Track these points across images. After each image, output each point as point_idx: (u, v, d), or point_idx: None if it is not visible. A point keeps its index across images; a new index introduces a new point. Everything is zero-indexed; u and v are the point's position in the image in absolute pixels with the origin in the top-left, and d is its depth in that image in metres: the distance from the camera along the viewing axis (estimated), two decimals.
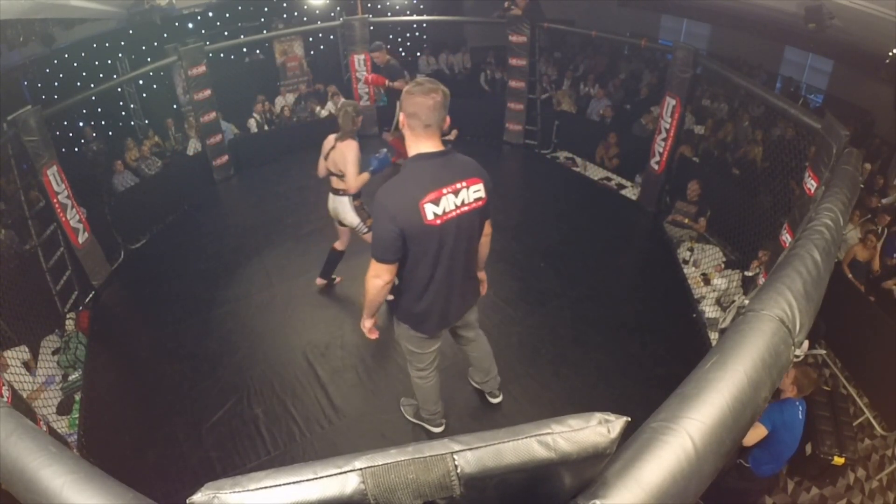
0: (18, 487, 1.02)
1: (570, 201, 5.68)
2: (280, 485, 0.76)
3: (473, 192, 2.05)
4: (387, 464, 0.78)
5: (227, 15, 7.80)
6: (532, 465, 0.81)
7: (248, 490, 0.75)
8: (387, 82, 5.36)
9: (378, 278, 2.10)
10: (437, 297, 2.22)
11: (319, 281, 4.20)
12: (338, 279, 4.25)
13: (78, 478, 0.97)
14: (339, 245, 3.99)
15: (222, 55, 6.84)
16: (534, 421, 0.85)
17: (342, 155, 3.40)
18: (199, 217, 5.68)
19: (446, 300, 2.27)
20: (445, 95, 1.96)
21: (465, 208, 2.04)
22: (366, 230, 3.61)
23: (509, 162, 6.87)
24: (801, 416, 2.77)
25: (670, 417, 0.97)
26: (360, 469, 0.77)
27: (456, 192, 2.00)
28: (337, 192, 3.60)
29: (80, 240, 4.43)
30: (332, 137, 3.54)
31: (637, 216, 5.69)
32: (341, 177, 3.48)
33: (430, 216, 1.96)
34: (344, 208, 3.62)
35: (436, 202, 1.97)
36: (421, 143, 2.00)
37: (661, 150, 5.30)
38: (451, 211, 2.00)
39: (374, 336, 2.46)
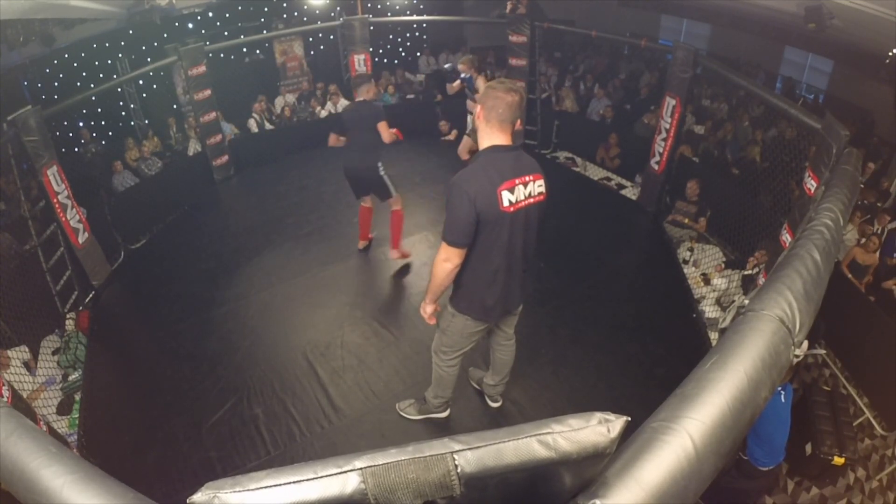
0: (18, 487, 1.01)
1: (570, 201, 5.67)
2: (280, 484, 0.76)
3: (538, 186, 2.19)
4: (387, 463, 0.78)
5: (227, 15, 7.79)
6: (532, 464, 0.81)
7: (248, 490, 0.75)
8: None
9: (448, 262, 2.17)
10: (504, 286, 2.32)
11: None
12: None
13: (78, 478, 0.96)
14: None
15: (222, 55, 6.84)
16: (534, 421, 0.85)
17: None
18: (199, 217, 5.69)
19: (510, 289, 2.36)
20: (523, 98, 2.12)
21: (531, 200, 2.18)
22: None
23: None
24: (783, 400, 2.77)
25: (670, 417, 0.97)
26: (361, 469, 0.77)
27: (525, 184, 2.14)
28: None
29: (80, 240, 4.43)
30: None
31: (637, 216, 5.69)
32: None
33: (505, 203, 2.09)
34: None
35: (511, 190, 2.10)
36: (495, 136, 2.12)
37: (661, 150, 5.30)
38: (521, 201, 2.13)
39: (433, 322, 2.51)
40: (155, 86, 7.52)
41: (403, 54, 9.80)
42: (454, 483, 0.79)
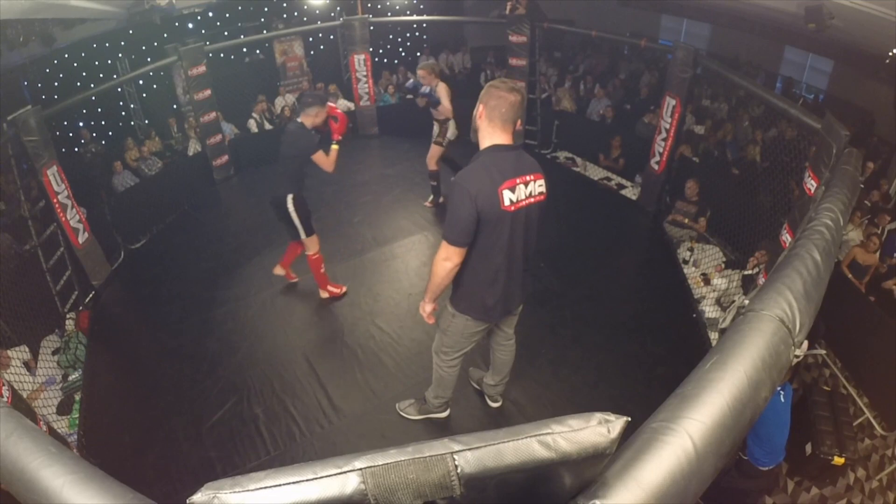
0: (18, 487, 1.02)
1: (570, 201, 5.68)
2: (280, 485, 0.76)
3: (538, 186, 2.19)
4: (387, 464, 0.78)
5: (227, 15, 7.79)
6: (532, 465, 0.81)
7: (248, 490, 0.75)
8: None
9: (448, 261, 2.17)
10: (504, 285, 2.31)
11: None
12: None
13: (78, 478, 0.97)
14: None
15: (222, 55, 6.84)
16: (534, 421, 0.85)
17: None
18: (199, 217, 5.69)
19: (510, 288, 2.36)
20: (524, 98, 2.14)
21: (532, 200, 2.17)
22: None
23: None
24: (783, 399, 2.77)
25: (670, 417, 0.97)
26: (361, 469, 0.77)
27: (526, 184, 2.13)
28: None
29: (80, 240, 4.43)
30: None
31: (637, 216, 5.69)
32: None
33: (506, 202, 2.08)
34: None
35: (512, 189, 2.09)
36: (497, 136, 2.12)
37: (661, 150, 5.30)
38: (522, 200, 2.13)
39: (432, 322, 2.51)
40: (155, 86, 7.52)
41: (403, 54, 9.80)
42: (454, 483, 0.79)
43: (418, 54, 9.54)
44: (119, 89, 6.80)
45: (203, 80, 5.80)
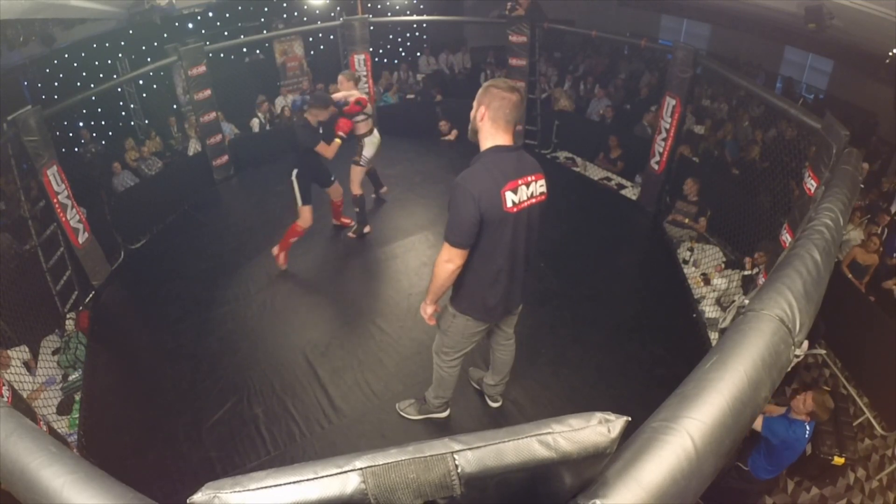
0: (18, 487, 1.02)
1: (570, 201, 5.68)
2: (280, 484, 0.76)
3: (539, 186, 2.19)
4: (387, 463, 0.78)
5: (227, 15, 7.79)
6: (532, 464, 0.81)
7: (248, 490, 0.75)
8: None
9: (451, 263, 2.16)
10: (506, 286, 2.31)
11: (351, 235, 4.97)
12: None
13: (78, 478, 0.97)
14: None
15: (222, 55, 6.84)
16: (534, 421, 0.85)
17: None
18: (199, 217, 5.69)
19: (511, 289, 2.36)
20: (524, 97, 2.11)
21: (533, 200, 2.17)
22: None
23: None
24: (807, 436, 2.78)
25: (670, 417, 0.97)
26: (361, 469, 0.77)
27: (528, 184, 2.13)
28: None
29: (80, 240, 4.43)
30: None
31: (637, 216, 5.69)
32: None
33: (508, 203, 2.08)
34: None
35: (514, 191, 2.09)
36: (500, 136, 2.11)
37: (661, 150, 5.30)
38: (524, 201, 2.13)
39: (433, 323, 2.51)
40: (155, 86, 7.52)
41: (403, 54, 9.80)
42: (454, 483, 0.79)
43: (418, 54, 9.55)
44: (119, 89, 6.80)
45: (203, 80, 5.80)
